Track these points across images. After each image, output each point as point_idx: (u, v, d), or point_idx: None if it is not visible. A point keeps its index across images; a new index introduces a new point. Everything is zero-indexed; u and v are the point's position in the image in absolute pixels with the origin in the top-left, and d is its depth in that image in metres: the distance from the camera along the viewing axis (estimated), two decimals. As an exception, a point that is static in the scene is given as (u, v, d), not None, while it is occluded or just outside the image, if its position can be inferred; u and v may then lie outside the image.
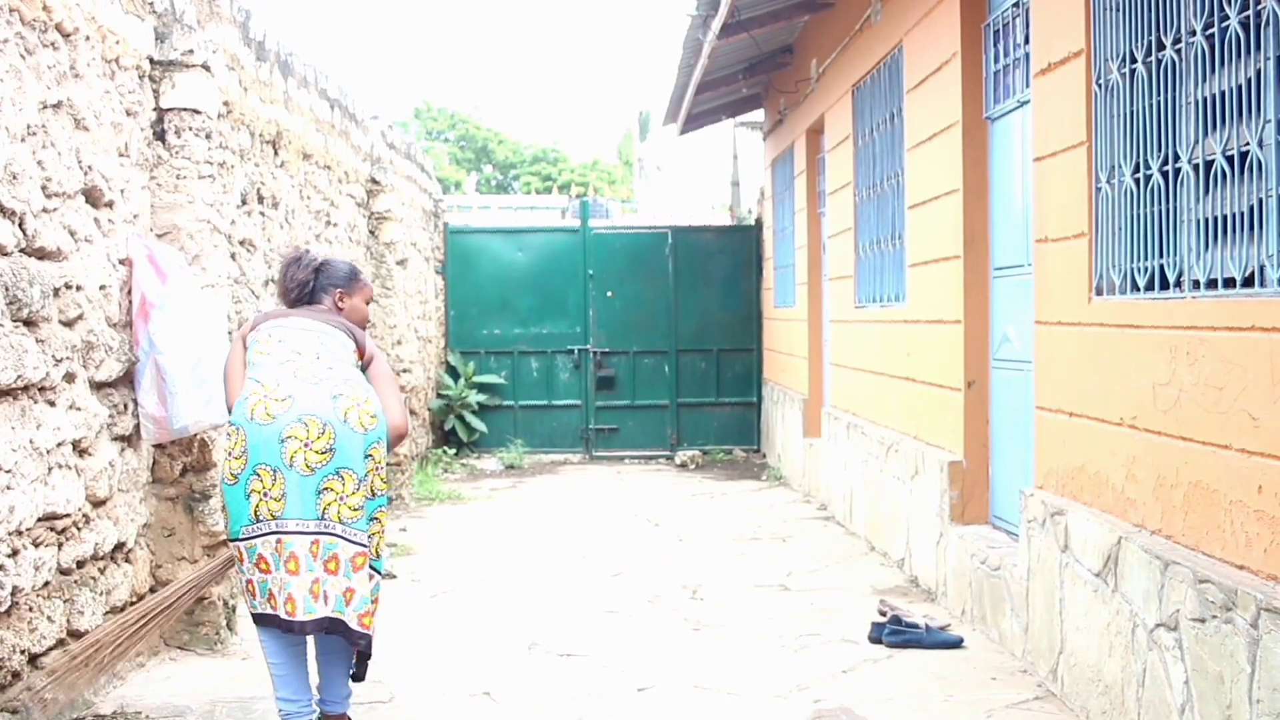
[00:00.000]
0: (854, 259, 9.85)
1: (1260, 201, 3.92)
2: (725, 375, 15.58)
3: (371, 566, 4.61)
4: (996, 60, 6.77)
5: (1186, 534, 4.34)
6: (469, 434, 14.91)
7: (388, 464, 4.76)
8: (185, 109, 6.30)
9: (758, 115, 15.89)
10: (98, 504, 5.44)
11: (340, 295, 5.01)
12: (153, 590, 6.07)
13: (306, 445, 4.44)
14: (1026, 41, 6.13)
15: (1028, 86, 6.09)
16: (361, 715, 5.25)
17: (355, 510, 4.51)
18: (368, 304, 5.15)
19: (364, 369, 4.89)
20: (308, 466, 4.45)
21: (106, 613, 5.52)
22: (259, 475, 4.47)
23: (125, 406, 5.78)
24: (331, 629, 4.51)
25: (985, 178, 6.97)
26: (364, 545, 4.54)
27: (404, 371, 11.57)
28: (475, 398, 14.95)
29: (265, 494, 4.46)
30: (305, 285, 4.98)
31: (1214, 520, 4.13)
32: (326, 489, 4.47)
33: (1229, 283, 4.13)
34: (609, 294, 15.38)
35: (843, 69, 10.06)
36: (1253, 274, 3.99)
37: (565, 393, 15.44)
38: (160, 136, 6.26)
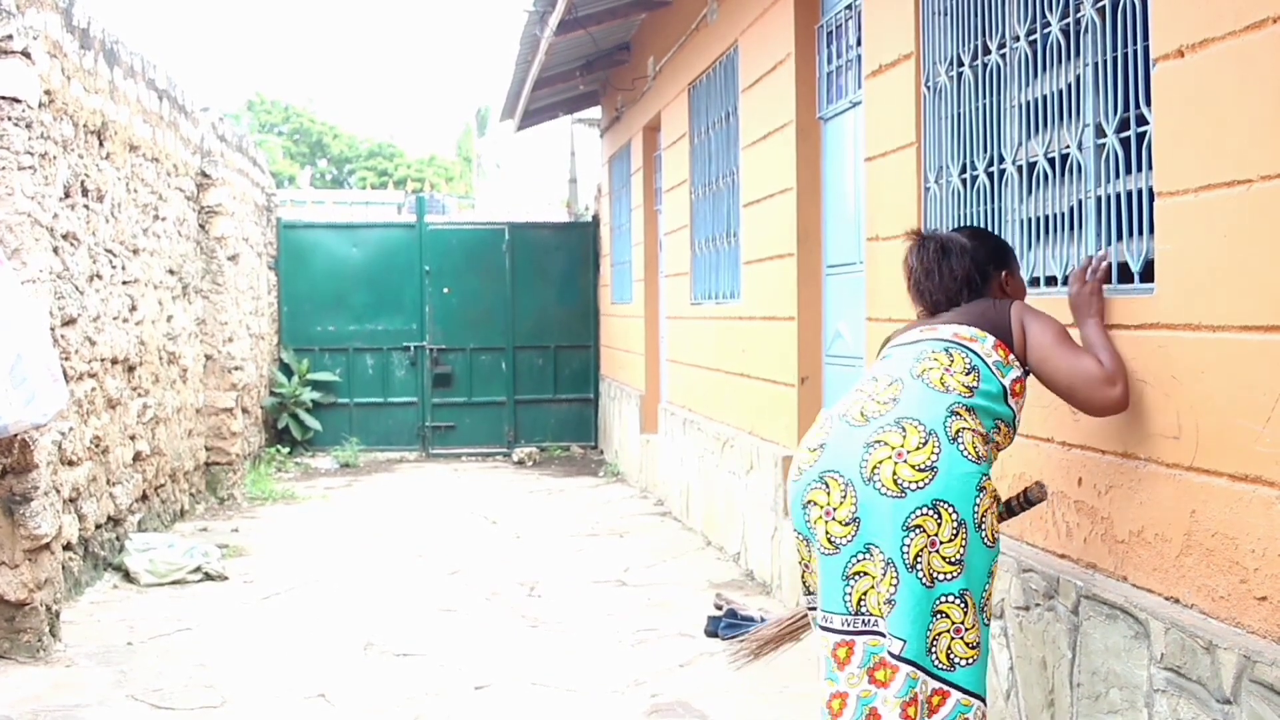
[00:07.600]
0: (690, 256, 9.93)
1: (1080, 202, 4.05)
2: (563, 372, 15.59)
3: (948, 683, 3.28)
4: (829, 61, 6.89)
5: (1010, 524, 4.46)
6: (303, 432, 14.65)
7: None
8: (4, 97, 6.08)
9: (595, 112, 15.91)
10: (-91, 507, 5.22)
11: (1007, 277, 3.79)
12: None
13: (827, 514, 3.40)
14: (858, 44, 6.24)
15: (860, 88, 6.20)
16: (191, 721, 5.13)
17: (889, 604, 3.30)
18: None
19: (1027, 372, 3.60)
20: (829, 542, 3.40)
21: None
22: (801, 541, 3.59)
23: (-61, 406, 5.55)
24: None
25: (818, 177, 7.08)
26: (935, 671, 3.27)
27: (235, 369, 11.31)
28: (309, 395, 14.69)
29: (806, 565, 3.60)
30: (970, 281, 3.71)
31: (1037, 510, 4.26)
32: (857, 573, 3.36)
33: (1050, 280, 4.27)
34: (446, 290, 15.25)
35: (679, 67, 10.13)
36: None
37: (401, 390, 15.27)
38: (-24, 125, 6.03)
